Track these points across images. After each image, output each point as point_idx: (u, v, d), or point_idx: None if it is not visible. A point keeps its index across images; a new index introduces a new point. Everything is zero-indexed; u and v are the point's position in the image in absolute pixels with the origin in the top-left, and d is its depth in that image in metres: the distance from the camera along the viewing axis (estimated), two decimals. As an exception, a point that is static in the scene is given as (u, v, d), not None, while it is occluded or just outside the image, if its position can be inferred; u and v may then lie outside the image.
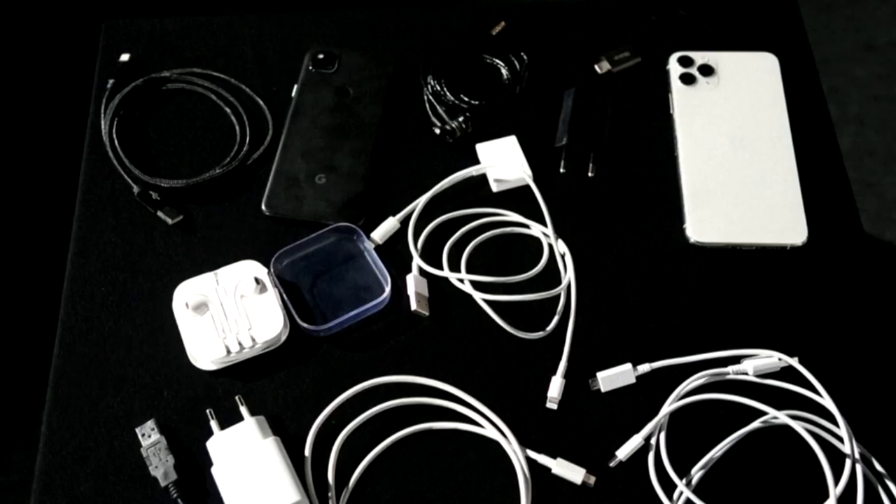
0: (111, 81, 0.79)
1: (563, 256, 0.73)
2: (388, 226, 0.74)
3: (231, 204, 0.75)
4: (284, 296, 0.70)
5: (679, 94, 0.80)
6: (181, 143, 0.78)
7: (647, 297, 0.72)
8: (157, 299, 0.71)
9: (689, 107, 0.79)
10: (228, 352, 0.67)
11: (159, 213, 0.74)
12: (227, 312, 0.69)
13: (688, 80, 0.80)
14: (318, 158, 0.76)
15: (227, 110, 0.79)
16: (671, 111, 0.80)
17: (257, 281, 0.70)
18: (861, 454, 0.64)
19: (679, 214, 0.75)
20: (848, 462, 0.62)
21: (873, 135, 1.50)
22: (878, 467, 0.64)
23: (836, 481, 0.61)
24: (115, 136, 0.77)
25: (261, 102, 0.80)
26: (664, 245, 0.74)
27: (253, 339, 0.68)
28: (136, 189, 0.75)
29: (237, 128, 0.79)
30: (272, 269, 0.71)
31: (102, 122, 0.78)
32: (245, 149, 0.77)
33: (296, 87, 0.80)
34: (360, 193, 0.75)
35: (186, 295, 0.69)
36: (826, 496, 0.61)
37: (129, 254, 0.73)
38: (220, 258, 0.72)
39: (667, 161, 0.78)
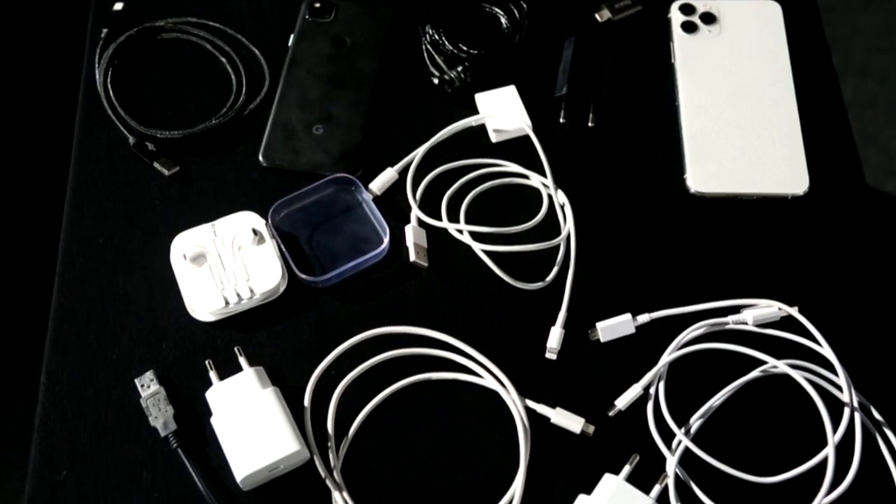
0: (105, 31, 0.78)
1: (562, 207, 0.72)
2: (387, 176, 0.73)
3: (228, 155, 0.75)
4: (282, 247, 0.69)
5: (680, 43, 0.79)
6: (177, 94, 0.77)
7: (646, 248, 0.71)
8: (155, 251, 0.70)
9: (690, 56, 0.78)
10: (227, 303, 0.67)
11: (156, 165, 0.73)
12: (225, 264, 0.68)
13: (689, 28, 0.79)
14: (315, 109, 0.76)
15: (223, 60, 0.78)
16: (672, 60, 0.79)
17: (255, 232, 0.69)
18: (860, 403, 0.64)
19: (679, 164, 0.74)
20: (846, 410, 0.62)
21: (876, 86, 1.49)
22: (877, 415, 0.64)
23: (835, 429, 0.61)
24: (109, 86, 0.76)
25: (257, 52, 0.79)
26: (664, 195, 0.73)
27: (251, 291, 0.68)
28: (131, 140, 0.74)
29: (233, 78, 0.78)
30: (270, 221, 0.71)
31: (97, 73, 0.77)
32: (241, 99, 0.76)
33: (292, 36, 0.79)
34: (358, 144, 0.74)
35: (184, 246, 0.69)
36: (824, 444, 0.61)
37: (125, 205, 0.72)
38: (217, 209, 0.72)
39: (668, 111, 0.77)
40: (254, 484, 0.62)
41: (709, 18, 0.79)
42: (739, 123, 0.75)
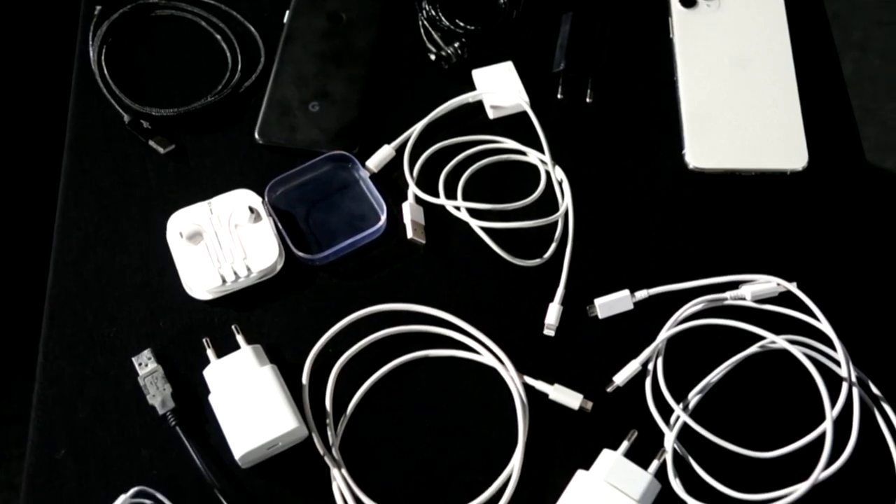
0: (98, 8, 0.78)
1: (560, 183, 0.72)
2: (384, 154, 0.73)
3: (224, 132, 0.74)
4: (279, 224, 0.69)
5: (679, 18, 0.78)
6: (172, 71, 0.77)
7: (645, 224, 0.71)
8: (151, 229, 0.70)
9: (689, 30, 0.78)
10: (224, 281, 0.67)
11: (151, 143, 0.73)
12: (222, 242, 0.68)
13: (688, 2, 0.79)
14: (311, 85, 0.75)
15: (218, 37, 0.78)
16: (671, 35, 0.78)
17: (251, 210, 0.69)
18: (858, 378, 0.64)
19: (678, 140, 0.74)
20: (844, 385, 0.62)
21: (876, 61, 1.48)
22: (875, 390, 0.64)
23: (833, 404, 0.61)
24: (104, 64, 0.76)
25: (252, 29, 0.78)
26: (663, 171, 0.73)
27: (248, 269, 0.67)
28: (126, 118, 0.73)
29: (228, 55, 0.77)
30: (266, 198, 0.70)
31: (91, 51, 0.76)
32: (237, 76, 0.76)
33: (288, 12, 0.78)
34: (355, 121, 0.74)
35: (180, 224, 0.69)
36: (822, 419, 0.61)
37: (121, 184, 0.72)
38: (213, 187, 0.71)
39: (666, 86, 0.76)
40: (252, 461, 0.62)
41: (707, -8, 0.79)
42: (738, 99, 0.75)
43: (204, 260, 0.68)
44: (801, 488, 0.59)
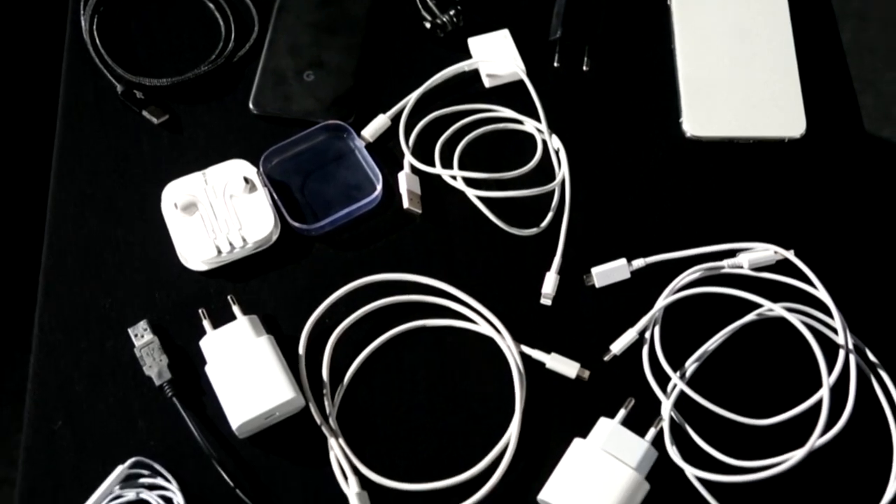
0: (90, -23, 0.77)
1: (557, 152, 0.72)
2: (379, 123, 0.72)
3: (218, 102, 0.74)
4: (274, 195, 0.69)
5: (676, -16, 0.78)
6: (165, 41, 0.76)
7: (642, 192, 0.71)
8: (146, 200, 0.70)
9: (686, -3, 0.77)
10: (219, 252, 0.67)
11: (144, 113, 0.72)
12: (217, 212, 0.68)
13: (685, -31, 0.78)
14: (305, 55, 0.74)
15: (211, 6, 0.77)
16: (668, 2, 0.77)
17: (246, 180, 0.69)
18: (855, 345, 0.64)
19: (675, 108, 0.73)
20: (841, 353, 0.62)
21: (874, 31, 1.47)
22: (872, 357, 0.64)
23: (830, 372, 0.61)
24: (96, 34, 0.75)
25: (245, -3, 0.78)
26: (660, 139, 0.73)
27: (244, 239, 0.67)
28: (119, 88, 0.73)
29: (222, 24, 0.76)
30: (261, 168, 0.70)
31: (82, 20, 0.75)
32: (230, 46, 0.75)
33: (281, -20, 0.77)
34: (350, 90, 0.73)
35: (175, 195, 0.68)
36: (819, 387, 0.61)
37: (114, 154, 0.72)
38: (207, 158, 0.71)
39: (663, 54, 0.76)
40: (249, 432, 0.62)
41: (705, -41, 0.78)
42: (736, 66, 0.74)
43: (199, 231, 0.67)
44: (796, 455, 0.59)
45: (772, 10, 0.76)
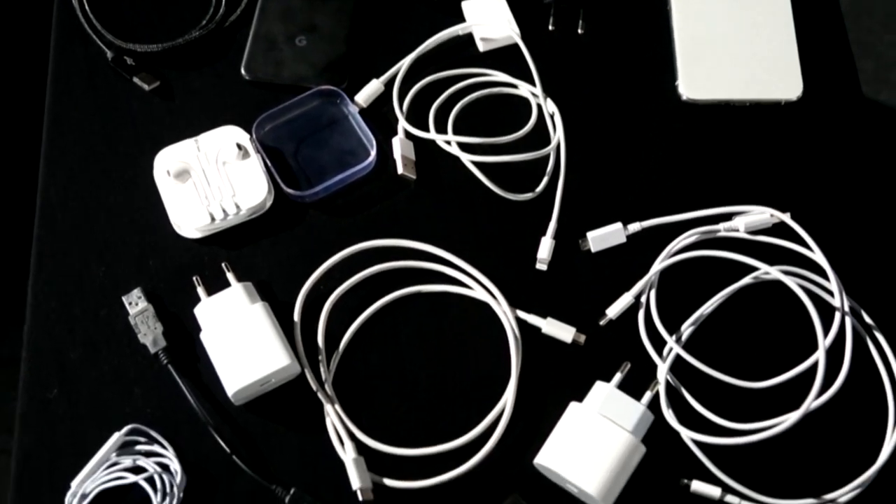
0: (78, -58, 0.76)
1: (552, 116, 0.71)
2: (372, 88, 0.72)
3: (209, 68, 0.73)
4: (268, 161, 0.68)
5: (672, -55, 0.77)
6: (155, 6, 0.75)
7: (638, 156, 0.70)
8: (138, 168, 0.69)
9: (682, -42, 0.76)
10: (213, 219, 0.66)
11: (135, 79, 0.72)
12: (210, 179, 0.67)
13: (681, -71, 0.77)
14: (297, 19, 0.74)
15: (202, -30, 0.76)
16: (664, -37, 0.77)
17: (239, 147, 0.68)
18: (851, 307, 0.64)
19: (671, 71, 0.73)
20: (837, 315, 0.62)
21: (873, -7, 1.46)
22: (868, 319, 0.64)
23: (826, 334, 0.61)
24: (85, -1, 0.74)
25: (236, -38, 0.77)
26: (656, 103, 0.72)
27: (237, 206, 0.67)
28: (109, 54, 0.72)
29: (212, -11, 0.76)
30: (254, 135, 0.69)
31: (71, -14, 0.75)
32: (222, 10, 0.74)
33: (272, -56, 0.76)
34: (342, 55, 0.73)
35: (167, 162, 0.68)
36: (815, 349, 0.61)
37: (105, 122, 0.71)
38: (200, 124, 0.70)
39: (659, 16, 0.75)
40: (245, 398, 0.62)
41: (701, -81, 0.77)
42: (732, 28, 0.73)
43: (192, 198, 0.67)
44: (792, 417, 0.59)
45: (769, -28, 0.76)
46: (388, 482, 0.60)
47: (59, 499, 0.59)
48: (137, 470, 0.59)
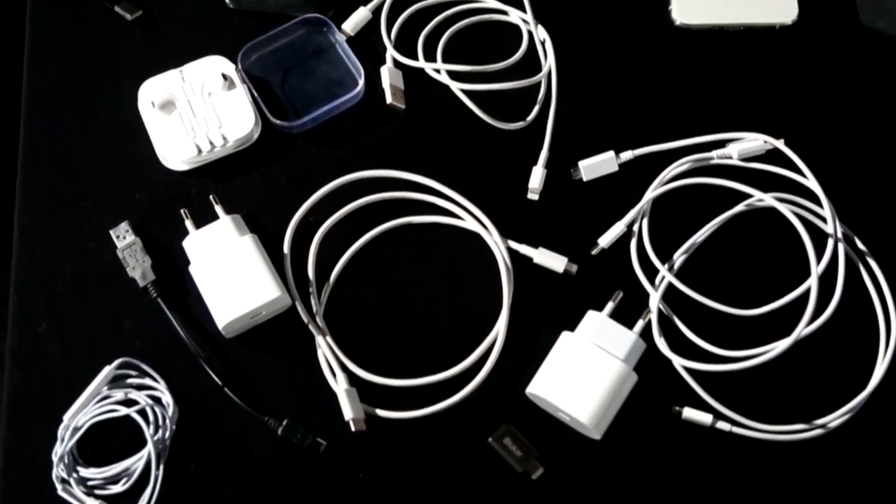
0: None
1: (543, 43, 0.70)
2: (360, 16, 0.70)
3: (192, -3, 0.72)
4: (254, 92, 0.67)
5: None
6: (135, -67, 0.73)
7: (630, 83, 0.69)
8: (122, 99, 0.68)
9: None
10: (199, 151, 0.65)
11: (117, 9, 0.70)
12: (196, 110, 0.66)
13: None
14: (282, -55, 0.72)
15: None
16: None
17: (225, 77, 0.67)
18: (844, 234, 0.64)
19: (664, -4, 0.71)
20: (830, 241, 0.62)
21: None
22: (861, 245, 0.64)
23: (819, 261, 0.61)
24: (63, -74, 0.72)
25: None
26: (648, 28, 0.71)
27: (224, 138, 0.66)
28: (90, -17, 0.71)
29: (194, -86, 0.74)
30: (240, 65, 0.68)
31: (48, -88, 0.72)
32: (204, -63, 0.73)
33: None
34: (329, -18, 0.71)
35: (151, 93, 0.67)
36: (808, 276, 0.61)
37: (87, 53, 0.70)
38: (184, 54, 0.69)
39: (652, -61, 0.73)
40: (236, 331, 0.62)
41: None
42: (727, -49, 0.72)
43: (178, 130, 0.66)
44: (782, 344, 0.59)
45: None
46: (381, 412, 0.60)
47: (50, 432, 0.59)
48: (129, 403, 0.59)
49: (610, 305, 0.61)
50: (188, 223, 0.64)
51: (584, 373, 0.58)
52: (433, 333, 0.63)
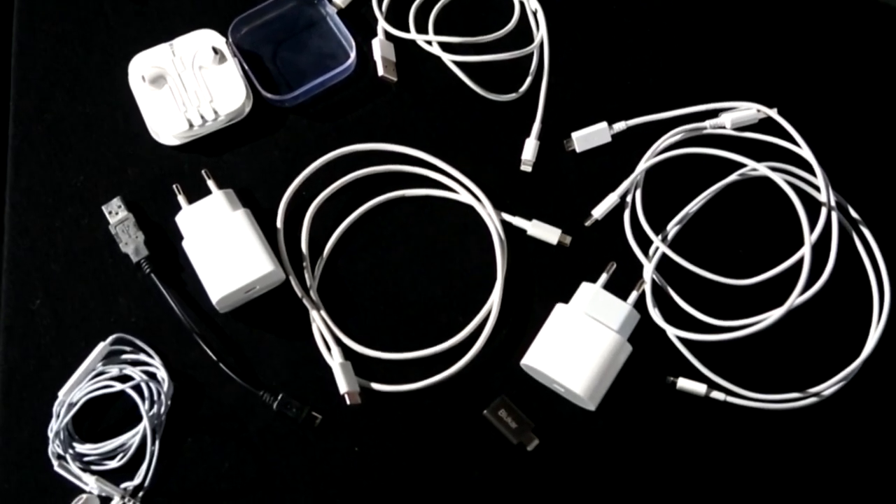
0: None
1: (534, 13, 0.69)
2: (351, -12, 0.70)
3: (181, -30, 0.71)
4: (245, 65, 0.67)
5: None
6: None
7: (622, 54, 0.69)
8: (113, 74, 0.68)
9: None
10: (191, 125, 0.65)
11: (105, -17, 0.70)
12: (187, 85, 0.66)
13: None
14: (271, -84, 0.71)
15: None
16: None
17: (215, 51, 0.66)
18: (837, 202, 0.64)
19: (657, -36, 0.71)
20: (823, 210, 0.62)
21: None
22: (854, 214, 0.64)
23: (812, 230, 0.61)
24: None
25: None
26: (641, -2, 0.71)
27: (215, 112, 0.65)
28: (77, -43, 0.70)
29: None
30: (230, 38, 0.67)
31: None
32: None
33: None
34: (319, -47, 0.71)
35: (142, 67, 0.66)
36: (801, 245, 0.61)
37: (77, 26, 0.69)
38: (174, 28, 0.68)
39: None
40: (230, 306, 0.62)
41: None
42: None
43: (169, 104, 0.65)
44: (776, 313, 0.59)
45: None
46: (376, 386, 0.60)
47: (46, 408, 0.59)
48: (124, 379, 0.59)
49: (604, 277, 0.61)
50: (181, 198, 0.63)
51: (578, 344, 0.58)
52: (427, 307, 0.63)
